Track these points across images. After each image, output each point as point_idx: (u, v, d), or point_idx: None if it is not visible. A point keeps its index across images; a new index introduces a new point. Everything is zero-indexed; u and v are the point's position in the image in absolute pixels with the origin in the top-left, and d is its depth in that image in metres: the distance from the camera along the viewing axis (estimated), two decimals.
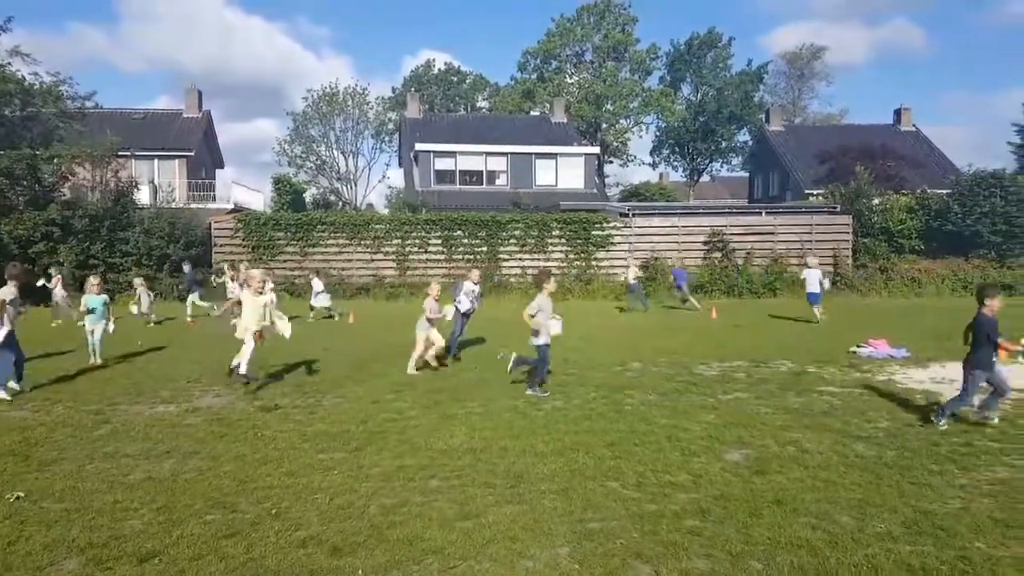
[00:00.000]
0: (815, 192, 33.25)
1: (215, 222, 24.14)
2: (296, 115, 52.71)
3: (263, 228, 23.78)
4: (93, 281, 11.46)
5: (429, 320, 10.22)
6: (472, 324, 12.05)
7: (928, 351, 11.45)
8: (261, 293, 9.49)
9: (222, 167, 43.14)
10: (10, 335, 8.59)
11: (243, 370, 9.04)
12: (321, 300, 17.57)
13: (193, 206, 28.01)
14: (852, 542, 4.35)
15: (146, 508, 5.00)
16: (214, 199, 33.94)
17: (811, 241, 24.38)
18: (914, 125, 42.49)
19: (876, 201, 26.18)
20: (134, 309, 15.64)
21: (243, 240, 23.58)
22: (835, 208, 25.75)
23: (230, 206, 32.20)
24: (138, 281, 16.54)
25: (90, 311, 10.99)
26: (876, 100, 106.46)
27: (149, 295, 16.42)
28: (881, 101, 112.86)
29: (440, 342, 10.39)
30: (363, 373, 10.05)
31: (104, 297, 11.41)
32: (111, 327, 11.23)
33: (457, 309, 11.59)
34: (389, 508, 4.99)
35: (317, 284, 17.79)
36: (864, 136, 36.76)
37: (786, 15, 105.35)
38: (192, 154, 34.71)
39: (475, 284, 12.03)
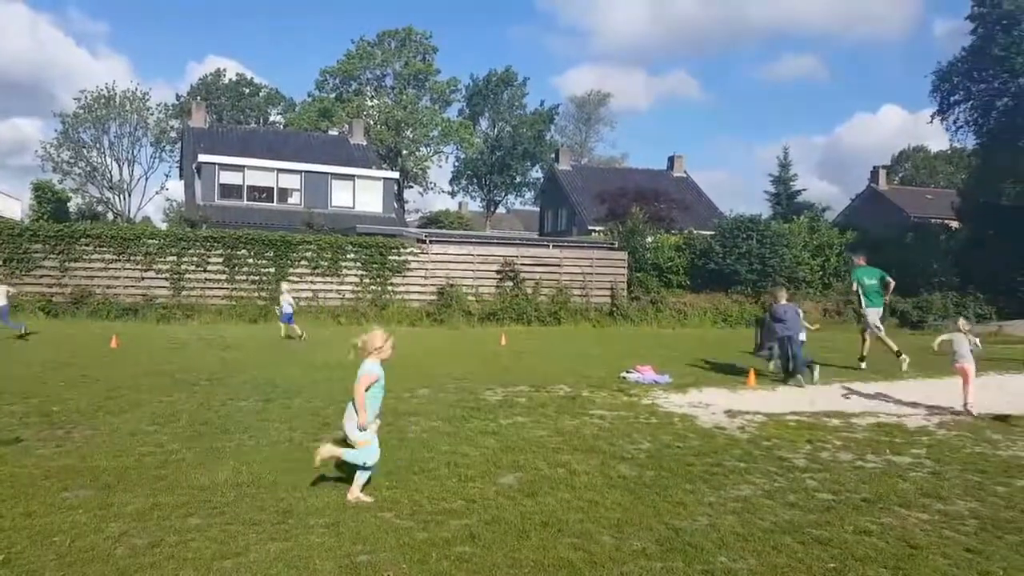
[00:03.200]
0: (597, 228, 35.70)
1: None
2: (66, 117, 47.38)
3: (18, 239, 20.85)
4: None
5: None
6: (256, 349, 11.39)
7: (688, 377, 12.60)
8: None
9: None
10: None
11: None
12: None
13: None
14: (610, 560, 4.57)
15: None
16: None
17: (592, 273, 26.09)
18: (685, 171, 47.27)
19: (649, 239, 28.62)
20: None
21: None
22: (613, 244, 27.84)
23: None
24: None
25: None
26: (653, 145, 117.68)
27: None
28: (658, 146, 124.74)
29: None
30: (122, 403, 9.06)
31: None
32: None
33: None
34: (139, 549, 4.53)
35: None
36: (641, 179, 40.29)
37: (577, 58, 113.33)
38: None
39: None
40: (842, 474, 6.80)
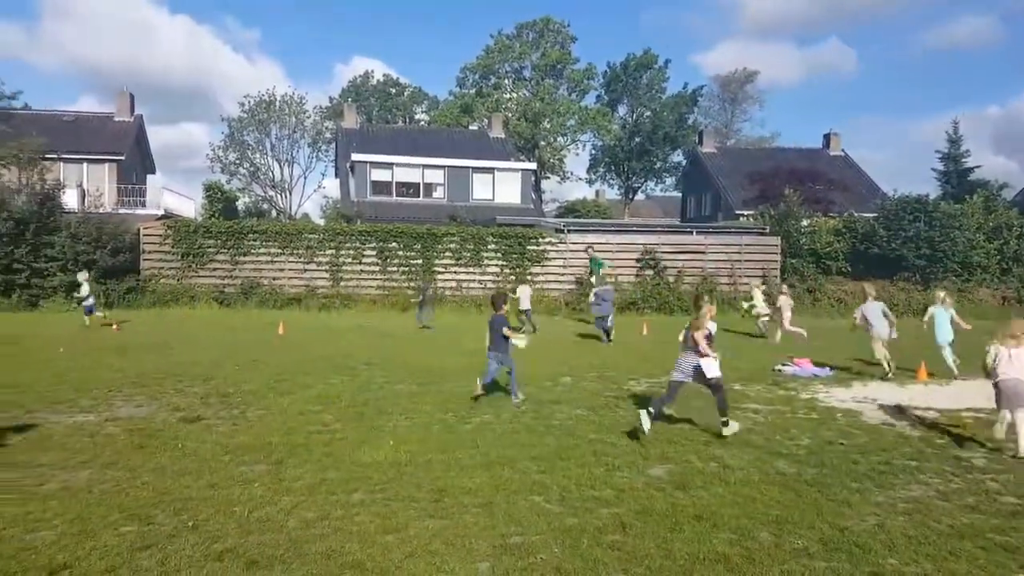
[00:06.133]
0: (745, 213, 34.20)
1: (144, 229, 23.32)
2: (232, 121, 51.70)
3: (193, 236, 23.09)
4: None
5: None
6: (409, 336, 11.89)
7: (850, 371, 11.85)
8: None
9: (153, 172, 41.94)
10: None
11: None
12: None
13: (122, 211, 27.23)
14: (769, 558, 4.42)
15: (59, 519, 4.82)
16: (144, 205, 32.96)
17: (740, 260, 25.08)
18: (843, 149, 44.30)
19: (804, 223, 27.01)
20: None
21: (172, 247, 22.87)
22: (764, 229, 26.55)
23: (160, 212, 31.25)
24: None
25: None
26: (805, 122, 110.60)
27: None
28: (810, 123, 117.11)
29: None
30: (290, 385, 9.81)
31: None
32: None
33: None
34: (309, 521, 4.89)
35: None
36: (794, 159, 38.15)
37: (720, 33, 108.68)
38: (123, 159, 33.63)
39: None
40: None
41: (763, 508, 5.29)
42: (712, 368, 7.23)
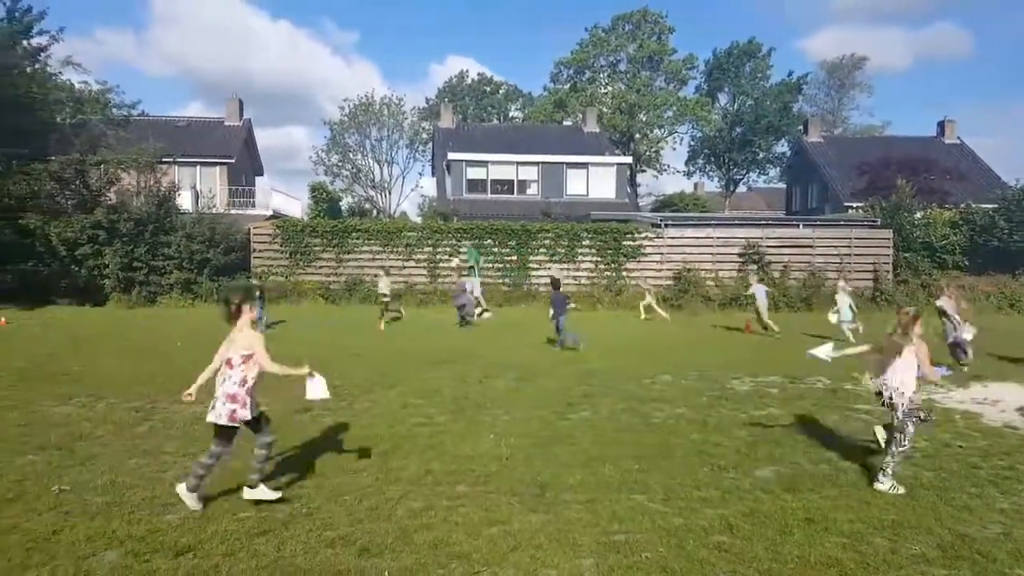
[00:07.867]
0: (855, 205, 32.70)
1: (254, 228, 24.56)
2: (333, 124, 53.66)
3: (300, 235, 24.17)
4: None
5: None
6: (499, 332, 11.92)
7: (970, 371, 11.14)
8: None
9: (262, 174, 44.00)
10: None
11: None
12: None
13: (233, 212, 28.70)
14: (884, 564, 4.25)
15: (182, 504, 5.10)
16: (253, 205, 34.61)
17: (850, 254, 23.95)
18: (958, 138, 41.62)
19: (918, 215, 25.63)
20: None
21: (281, 246, 23.99)
22: (875, 221, 25.27)
23: (268, 212, 32.75)
24: None
25: None
26: (918, 109, 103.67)
27: None
28: (923, 110, 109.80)
29: None
30: (392, 378, 10.11)
31: None
32: None
33: None
34: (416, 512, 5.04)
35: None
36: (906, 148, 36.08)
37: (826, 18, 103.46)
38: (233, 161, 35.46)
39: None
40: None
41: (877, 512, 5.08)
42: None
